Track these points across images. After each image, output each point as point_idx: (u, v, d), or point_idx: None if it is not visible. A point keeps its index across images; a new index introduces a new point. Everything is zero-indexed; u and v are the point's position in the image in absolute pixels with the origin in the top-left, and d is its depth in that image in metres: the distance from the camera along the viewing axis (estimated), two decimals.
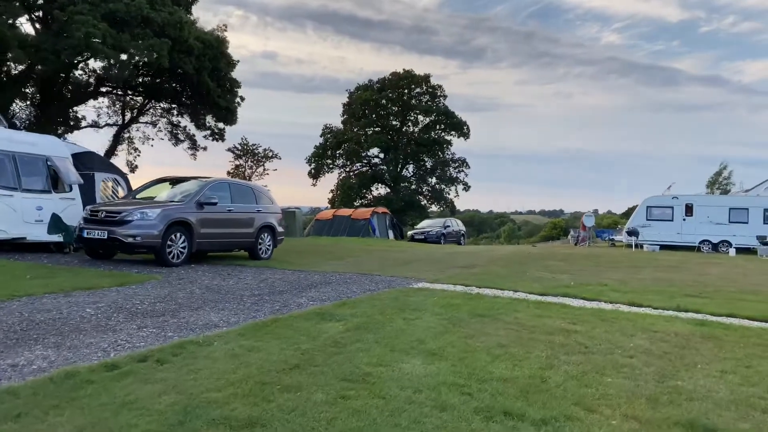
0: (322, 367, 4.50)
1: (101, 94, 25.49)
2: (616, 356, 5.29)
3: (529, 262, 14.89)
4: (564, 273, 12.41)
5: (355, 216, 31.77)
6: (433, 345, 5.32)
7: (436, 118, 53.12)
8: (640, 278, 11.95)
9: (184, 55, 19.81)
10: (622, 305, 8.32)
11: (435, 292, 8.58)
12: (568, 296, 8.87)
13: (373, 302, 7.30)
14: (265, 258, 12.47)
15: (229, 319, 6.15)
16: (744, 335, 6.53)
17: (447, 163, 53.99)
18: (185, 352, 4.68)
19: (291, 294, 7.88)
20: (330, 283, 9.14)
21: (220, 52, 21.78)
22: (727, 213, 23.93)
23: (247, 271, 10.27)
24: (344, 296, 7.82)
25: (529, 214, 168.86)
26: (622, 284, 10.73)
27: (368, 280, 9.79)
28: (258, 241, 12.28)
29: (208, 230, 10.94)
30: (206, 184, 11.23)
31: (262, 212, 12.43)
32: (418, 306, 7.18)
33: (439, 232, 29.64)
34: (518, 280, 10.62)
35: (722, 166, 55.47)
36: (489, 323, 6.43)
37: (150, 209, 10.11)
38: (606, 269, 13.72)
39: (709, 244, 23.79)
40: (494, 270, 12.53)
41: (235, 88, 23.77)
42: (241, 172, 35.83)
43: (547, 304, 7.92)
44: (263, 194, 12.91)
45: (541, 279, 11.03)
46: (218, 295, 7.52)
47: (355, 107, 52.37)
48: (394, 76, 52.76)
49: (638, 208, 25.81)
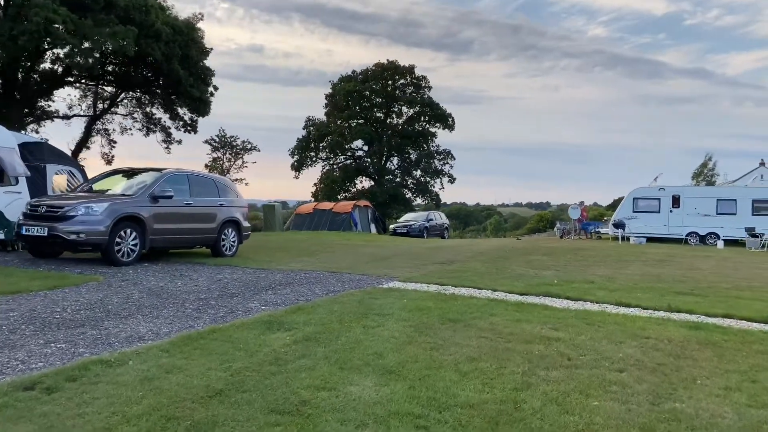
0: (252, 393, 3.71)
1: (68, 84, 24.36)
2: (604, 370, 4.57)
3: (511, 257, 14.19)
4: (548, 269, 11.72)
5: (336, 210, 30.92)
6: (392, 360, 4.56)
7: (420, 109, 52.31)
8: (628, 274, 11.29)
9: (151, 41, 18.76)
10: (609, 305, 7.62)
11: (405, 293, 7.81)
12: (551, 296, 8.16)
13: (332, 307, 6.51)
14: (230, 255, 11.62)
15: (160, 329, 5.34)
16: (745, 340, 5.84)
17: (432, 156, 53.24)
18: (87, 376, 3.87)
19: (243, 297, 7.07)
20: (291, 283, 8.34)
21: (191, 39, 20.74)
22: (714, 204, 23.40)
23: (203, 271, 9.42)
24: (302, 299, 7.03)
25: (516, 207, 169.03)
26: (609, 281, 10.05)
27: (335, 279, 9.00)
28: (221, 237, 11.42)
29: (163, 226, 10.07)
30: (161, 176, 10.33)
31: (225, 206, 11.57)
32: (383, 310, 6.41)
33: (422, 225, 28.89)
34: (498, 278, 9.90)
35: (707, 157, 55.40)
36: (461, 330, 5.68)
37: (96, 203, 9.21)
38: (592, 264, 13.05)
39: (696, 237, 23.26)
40: (474, 266, 11.80)
41: (208, 78, 22.75)
42: (219, 165, 34.77)
43: (527, 306, 7.20)
44: (227, 187, 12.02)
45: (523, 276, 10.32)
46: (158, 300, 6.69)
47: (338, 99, 51.38)
48: (378, 67, 51.82)
49: (624, 200, 25.23)
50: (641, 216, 24.26)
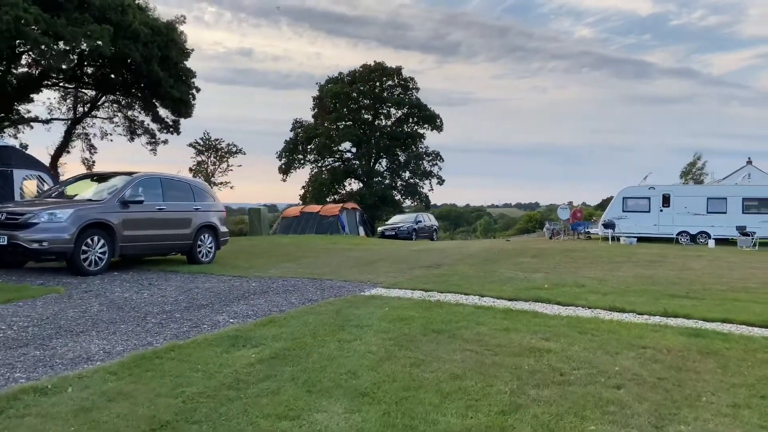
0: (202, 424, 3.26)
1: (47, 87, 23.68)
2: (600, 387, 4.15)
3: (500, 260, 13.80)
4: (537, 271, 11.33)
5: (323, 212, 30.46)
6: (366, 380, 4.12)
7: (408, 110, 51.95)
8: (620, 276, 10.93)
9: (129, 42, 18.20)
10: (603, 311, 7.23)
11: (388, 300, 7.37)
12: (541, 301, 7.75)
13: (307, 318, 6.05)
14: (206, 262, 11.11)
15: (114, 347, 4.86)
16: (748, 348, 5.45)
17: (421, 157, 52.86)
18: (15, 407, 3.39)
19: (211, 309, 6.58)
20: (267, 292, 7.86)
21: (171, 40, 20.17)
22: (705, 203, 23.17)
23: (175, 279, 8.90)
24: (276, 310, 6.55)
25: (506, 207, 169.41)
26: (601, 284, 9.68)
27: (315, 286, 8.53)
28: (197, 243, 10.90)
29: (134, 232, 9.55)
30: (132, 180, 9.80)
31: (201, 210, 11.05)
32: (362, 321, 5.96)
33: (411, 227, 28.46)
34: (486, 282, 9.48)
35: (696, 156, 55.41)
36: (445, 343, 5.25)
37: (60, 210, 8.67)
38: (582, 266, 12.68)
39: (687, 236, 23.01)
40: (462, 270, 11.38)
41: (189, 79, 22.18)
42: (203, 169, 34.19)
43: (516, 313, 6.78)
44: (203, 190, 11.50)
45: (512, 280, 9.91)
46: (119, 313, 6.19)
47: (325, 101, 50.88)
48: (365, 69, 51.43)
49: (614, 200, 24.94)
50: (631, 216, 23.98)
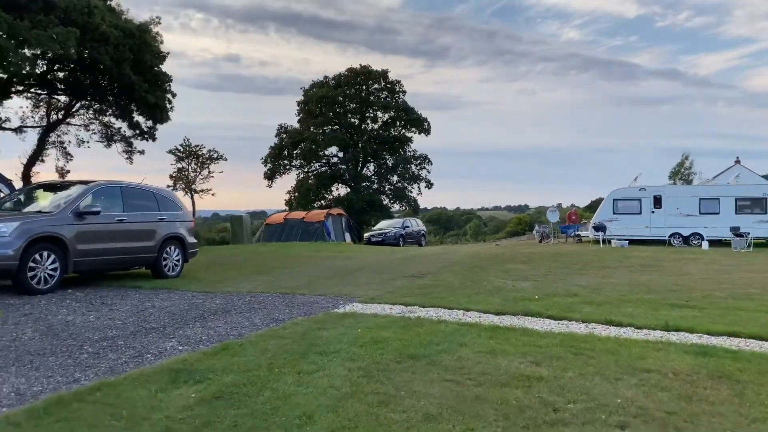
0: None
1: (17, 93, 22.78)
2: (600, 427, 3.50)
3: (489, 266, 13.17)
4: (527, 279, 10.70)
5: (308, 219, 29.72)
6: (323, 425, 3.44)
7: (395, 114, 51.38)
8: (614, 283, 10.32)
9: (98, 44, 17.42)
10: (598, 325, 6.61)
11: (363, 319, 6.68)
12: (531, 314, 7.12)
13: (267, 344, 5.35)
14: (173, 276, 10.36)
15: (31, 387, 4.13)
16: (763, 370, 4.84)
17: (408, 161, 52.24)
18: None
19: (161, 333, 5.85)
20: (229, 311, 7.14)
21: (144, 43, 19.39)
22: (697, 204, 22.70)
23: (132, 297, 8.15)
24: (234, 334, 5.84)
25: (495, 210, 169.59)
26: (595, 292, 9.07)
27: (285, 303, 7.82)
28: (162, 256, 10.15)
29: (90, 246, 8.79)
30: (87, 190, 9.03)
31: (166, 221, 10.31)
32: (329, 346, 5.27)
33: (398, 233, 27.77)
34: (473, 293, 8.83)
35: (684, 156, 55.29)
36: (421, 371, 4.58)
37: (4, 223, 7.92)
38: (574, 272, 12.08)
39: (679, 238, 22.52)
40: (447, 279, 10.73)
41: (165, 83, 21.39)
42: (184, 176, 33.31)
43: (504, 331, 6.12)
44: (169, 199, 10.73)
45: (500, 289, 9.27)
46: (52, 342, 5.45)
47: (310, 105, 50.22)
48: (351, 72, 50.84)
49: (604, 201, 24.42)
50: (622, 218, 23.47)
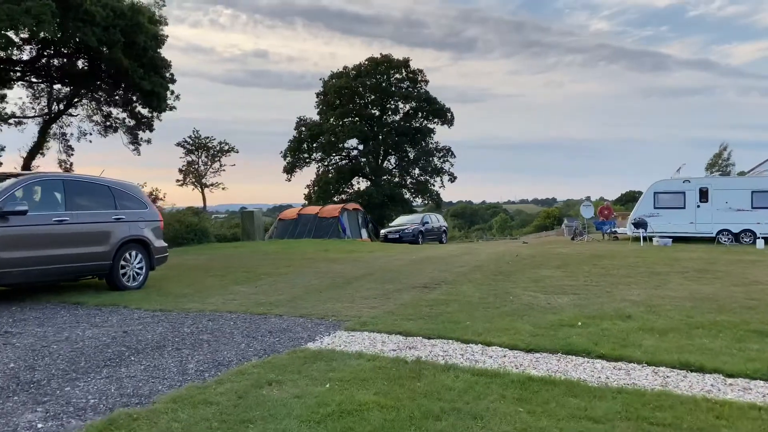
0: None
1: (8, 82, 21.44)
2: None
3: (515, 272, 11.22)
4: (563, 292, 8.75)
5: (322, 214, 28.01)
6: None
7: (417, 104, 49.36)
8: (671, 296, 8.32)
9: (83, 24, 15.90)
10: (671, 371, 4.71)
11: (341, 362, 4.84)
12: (575, 352, 5.23)
13: (173, 421, 3.53)
14: (134, 287, 8.66)
15: None
16: None
17: (431, 153, 50.17)
18: None
19: (36, 392, 4.07)
20: (164, 346, 5.35)
21: (137, 24, 17.81)
22: (749, 197, 20.26)
23: (54, 321, 6.43)
24: (142, 394, 4.04)
25: (522, 204, 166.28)
26: (652, 312, 7.10)
27: (245, 332, 6.01)
28: (119, 263, 8.45)
29: (18, 254, 7.12)
30: (16, 184, 7.34)
31: (125, 221, 8.61)
32: (268, 424, 3.43)
33: (417, 229, 25.84)
34: (496, 314, 6.94)
35: (722, 146, 52.26)
36: None
37: None
38: (619, 281, 10.07)
39: (729, 235, 20.16)
40: (465, 291, 8.83)
41: (162, 69, 19.81)
42: (194, 169, 31.82)
43: (539, 385, 4.25)
44: (130, 194, 8.97)
45: (531, 309, 7.35)
46: None
47: (330, 96, 48.46)
48: (371, 62, 48.91)
49: (644, 195, 22.11)
50: (664, 213, 21.16)
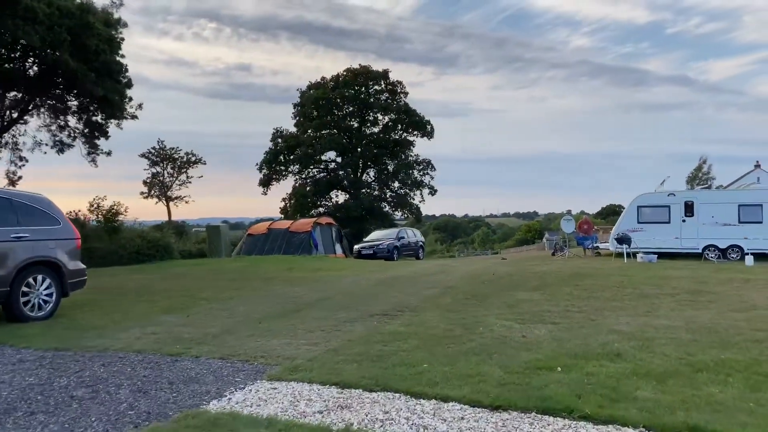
0: None
1: None
2: None
3: (490, 296, 10.09)
4: (541, 321, 7.63)
5: (293, 229, 26.75)
6: None
7: (396, 116, 48.39)
8: (665, 326, 7.25)
9: (23, 22, 14.63)
10: None
11: None
12: (553, 410, 4.09)
13: None
14: (41, 316, 7.38)
15: None
16: None
17: (410, 166, 49.13)
18: None
19: None
20: (15, 409, 4.04)
21: (87, 24, 16.55)
22: (736, 211, 19.45)
23: None
24: None
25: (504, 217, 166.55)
26: (645, 349, 6.01)
27: (135, 386, 4.77)
28: (20, 289, 7.17)
29: None
30: None
31: (27, 239, 7.34)
32: None
33: (392, 245, 24.67)
34: (460, 354, 5.79)
35: (702, 160, 52.01)
36: None
37: None
38: (604, 305, 8.99)
39: (715, 251, 19.29)
40: (429, 321, 7.68)
41: (117, 74, 18.51)
42: (158, 181, 30.36)
43: None
44: (37, 208, 7.67)
45: (503, 344, 6.21)
46: None
47: (307, 108, 47.34)
48: (350, 73, 47.95)
49: (627, 209, 21.23)
50: (648, 227, 20.27)
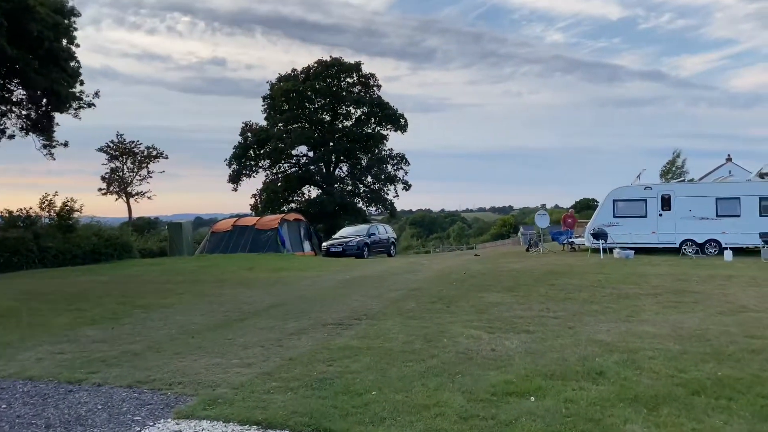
0: None
1: None
2: None
3: (458, 299, 9.27)
4: (513, 329, 6.83)
5: (260, 226, 25.64)
6: None
7: (369, 109, 47.29)
8: (650, 333, 6.52)
9: None
10: None
11: None
12: None
13: None
14: None
15: None
16: None
17: (384, 161, 48.17)
18: None
19: None
20: None
21: (26, 8, 15.28)
22: (713, 204, 18.99)
23: None
24: None
25: (480, 212, 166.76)
26: (629, 363, 5.25)
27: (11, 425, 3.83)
28: None
29: None
30: None
31: None
32: None
33: (362, 242, 23.76)
34: (417, 376, 4.94)
35: (675, 153, 52.07)
36: None
37: None
38: (582, 309, 8.24)
39: (693, 245, 18.81)
40: (387, 332, 6.81)
41: (64, 62, 17.25)
42: (118, 177, 29.00)
43: None
44: None
45: (468, 360, 5.38)
46: None
47: (277, 101, 46.06)
48: (321, 65, 46.71)
49: (603, 203, 20.63)
50: (624, 222, 19.69)
